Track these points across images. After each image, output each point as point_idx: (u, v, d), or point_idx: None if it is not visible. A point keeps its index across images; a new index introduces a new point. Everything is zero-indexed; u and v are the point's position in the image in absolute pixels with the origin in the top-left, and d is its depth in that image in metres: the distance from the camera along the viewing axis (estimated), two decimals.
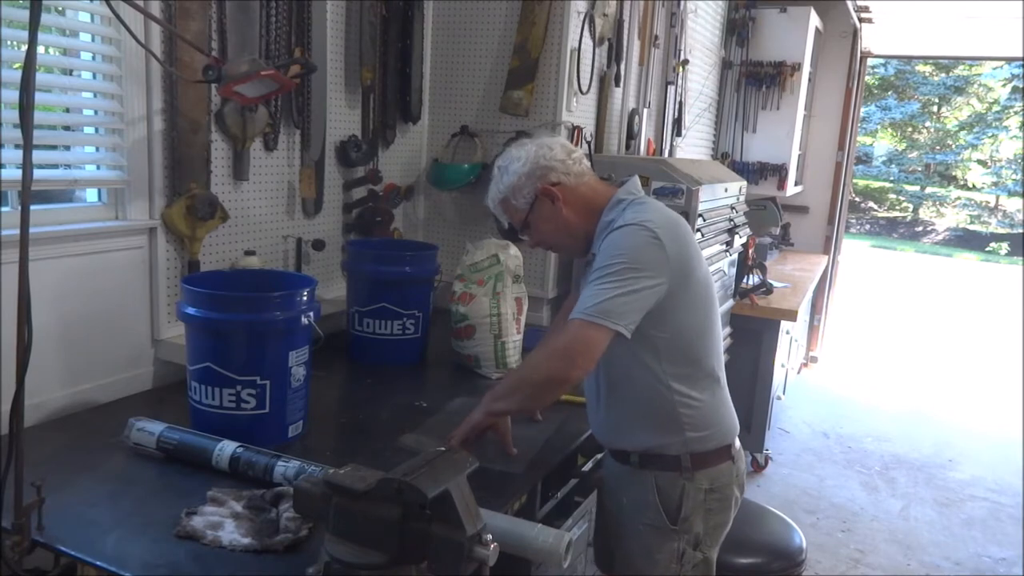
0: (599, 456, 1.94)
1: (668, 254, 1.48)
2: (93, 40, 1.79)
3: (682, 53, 3.77)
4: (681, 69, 3.81)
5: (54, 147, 1.82)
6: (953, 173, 18.90)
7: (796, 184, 5.33)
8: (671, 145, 3.91)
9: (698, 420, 1.59)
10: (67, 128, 1.83)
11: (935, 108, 18.87)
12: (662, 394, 1.57)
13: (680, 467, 1.60)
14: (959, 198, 18.66)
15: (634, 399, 1.61)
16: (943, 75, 18.07)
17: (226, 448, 1.49)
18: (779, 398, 4.53)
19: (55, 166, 1.80)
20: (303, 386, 1.69)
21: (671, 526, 1.61)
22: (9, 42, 1.59)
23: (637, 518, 1.66)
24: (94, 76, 1.81)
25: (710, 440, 1.61)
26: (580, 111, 2.89)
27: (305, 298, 1.66)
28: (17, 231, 1.17)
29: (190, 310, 1.59)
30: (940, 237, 18.29)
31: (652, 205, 1.60)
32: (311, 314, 1.65)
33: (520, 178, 1.62)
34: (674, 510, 1.61)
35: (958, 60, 15.24)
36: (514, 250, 2.26)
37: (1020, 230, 17.15)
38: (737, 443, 1.70)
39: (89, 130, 1.84)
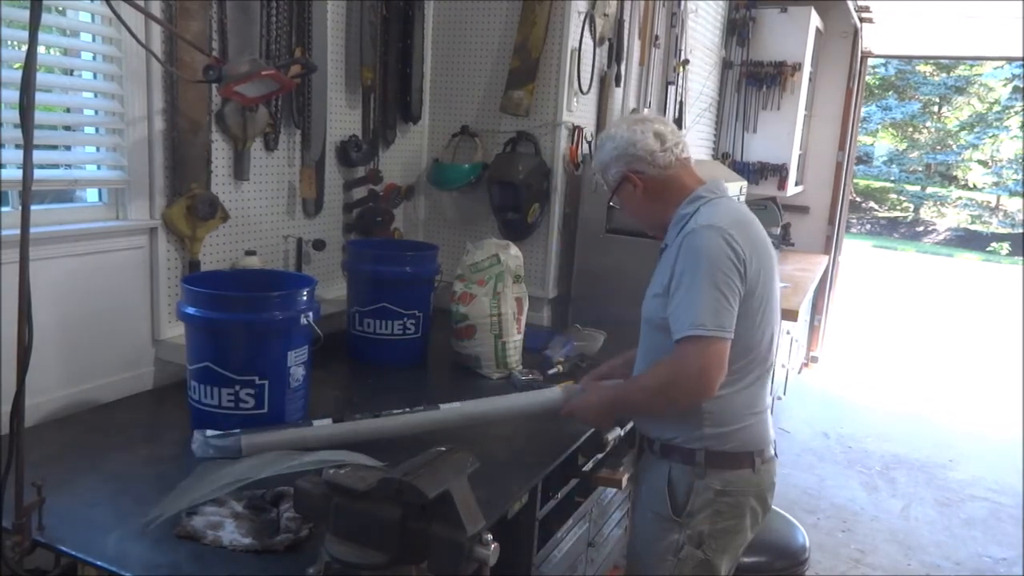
0: (599, 456, 1.94)
1: (741, 255, 1.51)
2: (93, 40, 1.79)
3: (682, 53, 3.77)
4: (681, 69, 3.81)
5: (55, 147, 1.82)
6: (954, 173, 18.89)
7: (796, 184, 5.33)
8: None
9: (717, 415, 1.58)
10: (67, 128, 1.84)
11: (936, 108, 18.86)
12: None
13: (694, 462, 1.61)
14: (960, 198, 18.65)
15: None
16: (944, 75, 18.06)
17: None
18: (779, 398, 4.53)
19: (56, 166, 1.80)
20: (302, 386, 1.69)
21: (674, 517, 1.63)
22: (9, 42, 1.59)
23: (648, 506, 1.71)
24: (95, 76, 1.81)
25: (728, 440, 1.60)
26: (580, 111, 2.89)
27: (305, 298, 1.66)
28: (17, 231, 1.17)
29: (190, 310, 1.59)
30: (941, 237, 18.29)
31: (725, 204, 1.63)
32: (310, 314, 1.65)
33: (609, 159, 1.70)
34: (681, 503, 1.62)
35: (958, 60, 15.23)
36: (514, 250, 2.25)
37: (1021, 230, 17.13)
38: (767, 455, 1.66)
39: (90, 130, 1.84)
